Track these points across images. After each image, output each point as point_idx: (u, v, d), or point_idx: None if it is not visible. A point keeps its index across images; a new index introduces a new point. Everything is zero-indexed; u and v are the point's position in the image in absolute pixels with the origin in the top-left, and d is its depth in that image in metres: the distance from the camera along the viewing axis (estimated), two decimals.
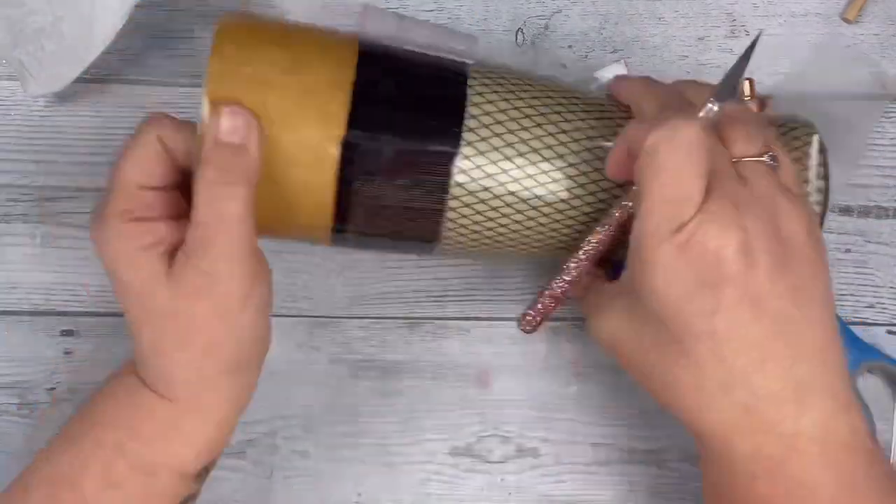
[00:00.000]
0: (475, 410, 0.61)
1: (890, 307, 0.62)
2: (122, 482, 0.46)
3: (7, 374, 0.60)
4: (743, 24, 0.61)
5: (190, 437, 0.47)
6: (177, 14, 0.60)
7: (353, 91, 0.46)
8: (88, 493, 0.45)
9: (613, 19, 0.61)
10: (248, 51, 0.46)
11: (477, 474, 0.61)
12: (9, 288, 0.60)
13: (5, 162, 0.60)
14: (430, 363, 0.61)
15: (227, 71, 0.45)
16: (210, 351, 0.45)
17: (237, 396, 0.48)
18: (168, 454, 0.46)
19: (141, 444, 0.46)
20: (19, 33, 0.56)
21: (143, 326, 0.45)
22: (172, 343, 0.45)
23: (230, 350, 0.46)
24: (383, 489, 0.60)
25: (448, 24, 0.61)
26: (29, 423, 0.60)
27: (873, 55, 0.61)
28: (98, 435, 0.46)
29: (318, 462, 0.61)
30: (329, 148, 0.45)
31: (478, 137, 0.47)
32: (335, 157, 0.45)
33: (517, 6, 0.61)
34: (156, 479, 0.46)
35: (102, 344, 0.60)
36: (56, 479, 0.46)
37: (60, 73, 0.56)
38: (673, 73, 0.61)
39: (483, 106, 0.48)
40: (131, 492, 0.46)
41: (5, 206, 0.60)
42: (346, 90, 0.45)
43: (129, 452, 0.46)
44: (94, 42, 0.54)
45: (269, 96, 0.45)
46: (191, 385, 0.46)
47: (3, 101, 0.60)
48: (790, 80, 0.61)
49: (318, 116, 0.45)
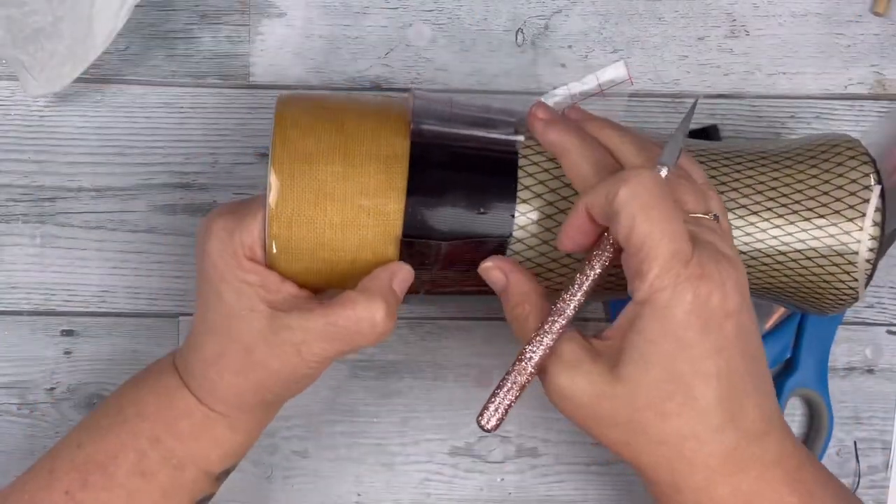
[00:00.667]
0: (475, 410, 0.61)
1: (890, 307, 0.62)
2: (154, 472, 0.48)
3: (7, 374, 0.60)
4: (743, 24, 0.61)
5: (219, 442, 0.49)
6: (177, 14, 0.60)
7: (407, 190, 0.47)
8: (119, 479, 0.48)
9: (613, 19, 0.61)
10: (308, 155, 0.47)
11: (476, 474, 0.61)
12: (9, 288, 0.60)
13: (5, 162, 0.60)
14: (429, 363, 0.61)
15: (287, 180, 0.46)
16: (261, 388, 0.48)
17: (264, 421, 0.52)
18: (198, 453, 0.49)
19: (175, 440, 0.48)
20: (19, 33, 0.56)
21: (213, 339, 0.48)
22: (233, 367, 0.47)
23: (274, 395, 0.49)
24: (383, 489, 0.60)
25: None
26: (29, 423, 0.60)
27: (873, 55, 0.61)
28: (136, 426, 0.49)
29: (318, 462, 0.61)
30: (388, 246, 0.47)
31: (531, 208, 0.48)
32: (395, 252, 0.47)
33: (517, 6, 0.61)
34: (183, 473, 0.49)
35: (102, 344, 0.60)
36: (88, 464, 0.48)
37: (60, 73, 0.56)
38: (673, 73, 0.61)
39: (537, 176, 0.48)
40: (159, 482, 0.48)
41: (5, 206, 0.60)
42: (401, 188, 0.47)
43: (164, 446, 0.48)
44: (94, 42, 0.54)
45: (328, 204, 0.46)
46: (230, 403, 0.49)
47: (3, 101, 0.60)
48: None
49: (375, 219, 0.47)
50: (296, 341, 0.46)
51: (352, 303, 0.46)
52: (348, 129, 0.47)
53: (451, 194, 0.47)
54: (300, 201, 0.46)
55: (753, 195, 0.50)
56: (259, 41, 0.60)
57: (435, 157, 0.48)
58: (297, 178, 0.46)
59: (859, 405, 0.62)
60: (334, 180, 0.46)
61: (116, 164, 0.60)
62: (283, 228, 0.46)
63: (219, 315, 0.48)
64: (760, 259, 0.50)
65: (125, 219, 0.60)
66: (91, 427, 0.50)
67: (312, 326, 0.46)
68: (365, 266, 0.47)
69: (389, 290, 0.47)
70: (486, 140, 0.49)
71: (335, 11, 0.60)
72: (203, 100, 0.60)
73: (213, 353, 0.48)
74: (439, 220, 0.47)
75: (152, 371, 0.51)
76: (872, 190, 0.50)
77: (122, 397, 0.50)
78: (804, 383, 0.60)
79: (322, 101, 0.49)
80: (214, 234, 0.47)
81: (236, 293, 0.47)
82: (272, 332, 0.46)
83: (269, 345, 0.47)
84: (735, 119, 0.61)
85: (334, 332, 0.46)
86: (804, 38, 0.61)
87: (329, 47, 0.60)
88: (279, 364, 0.47)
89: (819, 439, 0.60)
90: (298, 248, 0.47)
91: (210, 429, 0.49)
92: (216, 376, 0.48)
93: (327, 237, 0.47)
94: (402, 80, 0.61)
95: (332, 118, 0.48)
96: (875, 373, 0.62)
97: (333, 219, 0.46)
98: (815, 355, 0.60)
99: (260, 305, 0.47)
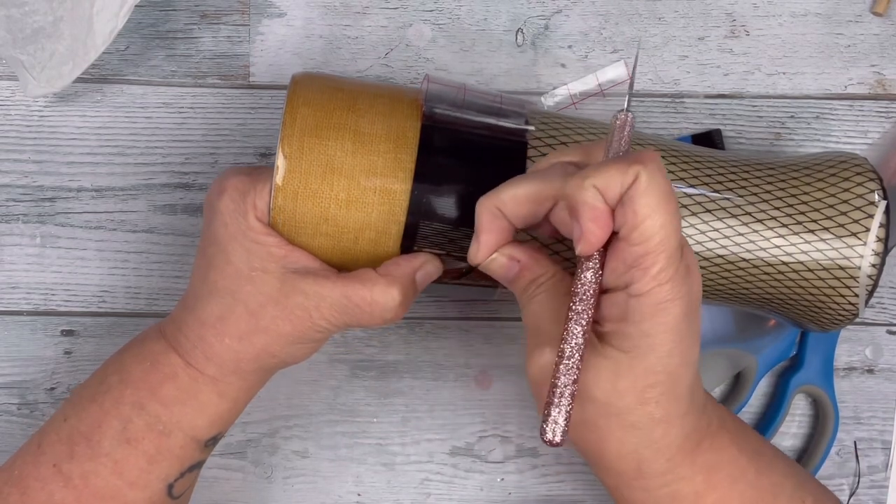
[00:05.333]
0: (475, 410, 0.61)
1: (890, 307, 0.62)
2: (139, 439, 0.47)
3: (7, 374, 0.60)
4: (743, 24, 0.61)
5: (205, 407, 0.48)
6: (177, 14, 0.60)
7: (415, 170, 0.47)
8: (105, 448, 0.47)
9: (613, 19, 0.61)
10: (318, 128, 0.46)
11: (476, 474, 0.61)
12: (9, 288, 0.60)
13: (5, 162, 0.60)
14: (430, 363, 0.61)
15: (296, 152, 0.46)
16: (261, 354, 0.47)
17: (254, 389, 0.50)
18: (183, 419, 0.48)
19: (160, 405, 0.48)
20: (19, 33, 0.56)
21: (215, 300, 0.47)
22: (235, 330, 0.47)
23: (277, 360, 0.48)
24: (383, 489, 0.60)
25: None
26: (29, 423, 0.60)
27: (873, 55, 0.61)
28: (120, 393, 0.48)
29: (318, 462, 0.61)
30: (391, 226, 0.47)
31: None
32: (399, 233, 0.47)
33: (517, 6, 0.61)
34: (170, 439, 0.48)
35: (102, 344, 0.60)
36: (73, 435, 0.48)
37: (60, 73, 0.56)
38: (673, 73, 0.61)
39: None
40: (145, 449, 0.48)
41: (5, 206, 0.60)
42: (409, 168, 0.46)
43: (148, 412, 0.47)
44: (94, 42, 0.54)
45: (334, 178, 0.46)
46: (225, 368, 0.48)
47: (3, 102, 0.60)
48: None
49: (381, 197, 0.46)
50: (308, 306, 0.46)
51: (371, 282, 0.46)
52: (360, 108, 0.47)
53: (459, 178, 0.47)
54: (307, 175, 0.46)
55: (759, 203, 0.50)
56: (259, 41, 0.60)
57: (445, 141, 0.47)
58: (306, 152, 0.46)
59: (859, 405, 0.62)
60: (343, 156, 0.46)
61: (116, 164, 0.60)
62: (287, 200, 0.46)
63: (223, 276, 0.47)
64: (762, 268, 0.50)
65: (125, 219, 0.60)
66: (76, 399, 0.49)
67: (327, 294, 0.46)
68: (367, 245, 0.47)
69: (410, 280, 0.47)
70: (497, 128, 0.49)
71: (335, 11, 0.60)
72: (203, 100, 0.60)
73: (212, 316, 0.47)
74: (445, 204, 0.47)
75: (137, 339, 0.51)
76: (878, 206, 0.50)
77: (107, 367, 0.50)
78: (809, 380, 0.60)
79: (335, 81, 0.49)
80: (227, 193, 0.47)
81: (247, 253, 0.46)
82: (284, 295, 0.46)
83: (280, 307, 0.46)
84: (735, 119, 0.61)
85: (346, 305, 0.46)
86: (804, 38, 0.61)
87: (329, 47, 0.60)
88: (290, 327, 0.47)
89: (825, 436, 0.60)
90: (302, 220, 0.47)
91: (196, 393, 0.48)
92: (214, 339, 0.47)
93: (332, 212, 0.46)
94: (402, 80, 0.61)
95: (345, 97, 0.48)
96: (875, 373, 0.62)
97: (339, 194, 0.46)
98: (820, 352, 0.61)
99: (272, 266, 0.46)
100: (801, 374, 0.60)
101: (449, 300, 0.61)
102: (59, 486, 0.47)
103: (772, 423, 0.61)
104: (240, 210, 0.47)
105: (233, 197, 0.47)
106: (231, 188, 0.47)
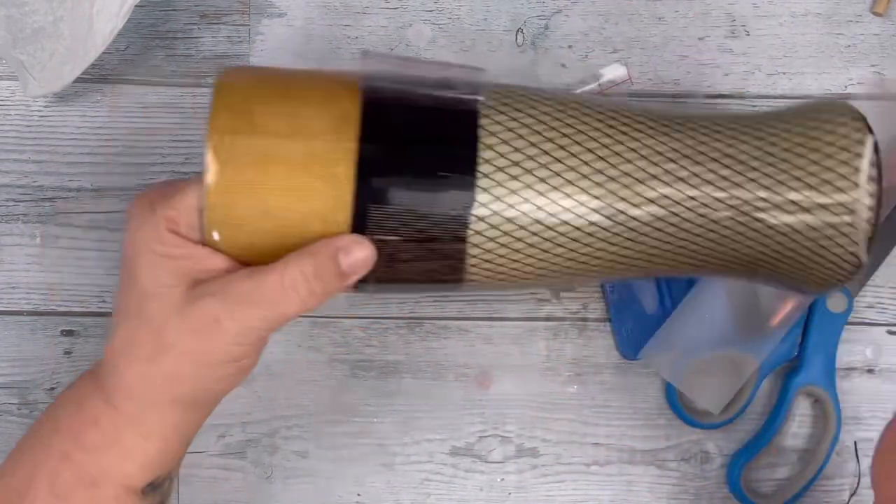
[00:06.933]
0: (475, 410, 0.61)
1: (890, 307, 0.62)
2: (68, 493, 0.44)
3: (7, 374, 0.60)
4: (743, 24, 0.61)
5: (131, 452, 0.45)
6: (177, 14, 0.60)
7: (359, 151, 0.43)
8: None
9: (613, 19, 0.61)
10: (249, 116, 0.44)
11: (476, 474, 0.61)
12: (9, 288, 0.60)
13: (5, 162, 0.60)
14: (430, 363, 0.61)
15: (227, 144, 0.43)
16: (171, 380, 0.44)
17: (182, 427, 0.46)
18: (110, 468, 0.45)
19: (84, 453, 0.44)
20: (19, 33, 0.56)
21: (123, 324, 0.44)
22: (142, 353, 0.43)
23: (191, 389, 0.45)
24: (383, 489, 0.60)
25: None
26: (29, 423, 0.60)
27: (873, 55, 0.61)
28: (49, 442, 0.45)
29: (318, 462, 0.61)
30: (338, 213, 0.43)
31: (494, 168, 0.45)
32: (347, 222, 0.43)
33: (517, 6, 0.61)
34: (100, 491, 0.44)
35: (102, 344, 0.60)
36: (10, 494, 0.45)
37: (60, 73, 0.56)
38: (673, 73, 0.61)
39: (500, 135, 0.45)
40: (77, 503, 0.44)
41: (5, 205, 0.60)
42: (352, 149, 0.43)
43: (74, 462, 0.44)
44: (94, 42, 0.54)
45: (270, 167, 0.43)
46: (137, 400, 0.44)
47: (3, 102, 0.60)
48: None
49: (324, 183, 0.43)
50: (214, 311, 0.42)
51: (283, 264, 0.42)
52: (294, 92, 0.44)
53: (407, 154, 0.44)
54: (240, 166, 0.42)
55: (736, 165, 0.46)
56: (259, 41, 0.60)
57: (389, 117, 0.44)
58: (238, 143, 0.43)
59: (859, 405, 0.62)
60: (278, 143, 0.43)
61: (116, 164, 0.60)
62: (220, 196, 0.42)
63: (130, 297, 0.43)
64: (750, 226, 0.46)
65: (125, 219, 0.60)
66: (13, 451, 0.46)
67: (233, 290, 0.42)
68: (316, 238, 0.43)
69: (330, 259, 0.43)
70: (444, 100, 0.46)
71: (335, 11, 0.60)
72: (203, 100, 0.60)
73: (121, 341, 0.44)
74: (395, 183, 0.43)
75: (78, 378, 0.47)
76: (865, 143, 0.46)
77: (44, 413, 0.47)
78: (811, 381, 0.60)
79: (267, 70, 0.47)
80: (135, 209, 0.44)
81: (152, 268, 0.43)
82: (188, 304, 0.42)
83: (183, 318, 0.42)
84: None
85: (258, 295, 0.42)
86: (804, 38, 0.61)
87: (329, 47, 0.60)
88: (194, 342, 0.42)
89: (827, 436, 0.60)
90: (240, 217, 0.43)
91: (118, 438, 0.44)
92: (125, 367, 0.44)
93: (271, 204, 0.43)
94: None
95: (278, 83, 0.45)
96: (875, 373, 0.62)
97: (278, 183, 0.42)
98: (821, 353, 0.60)
99: (179, 279, 0.43)
100: (803, 375, 0.60)
101: (449, 300, 0.61)
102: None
103: (774, 424, 0.61)
104: (147, 225, 0.43)
105: (140, 213, 0.44)
106: (139, 203, 0.44)
